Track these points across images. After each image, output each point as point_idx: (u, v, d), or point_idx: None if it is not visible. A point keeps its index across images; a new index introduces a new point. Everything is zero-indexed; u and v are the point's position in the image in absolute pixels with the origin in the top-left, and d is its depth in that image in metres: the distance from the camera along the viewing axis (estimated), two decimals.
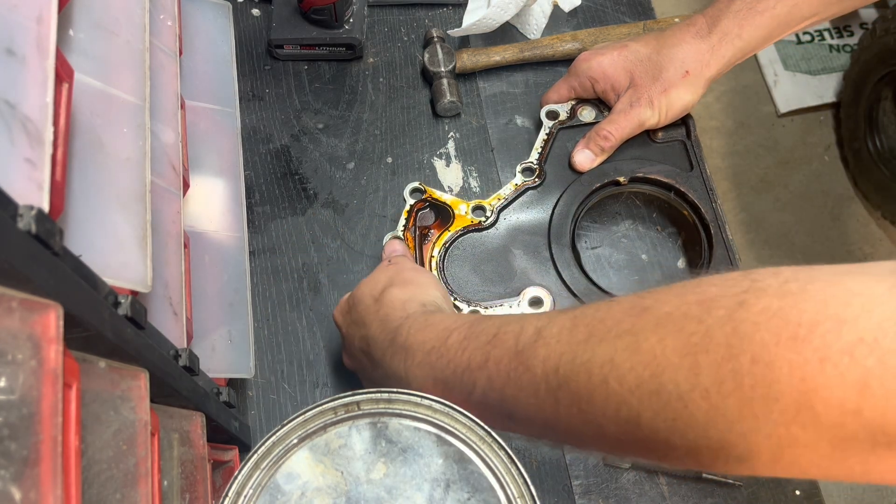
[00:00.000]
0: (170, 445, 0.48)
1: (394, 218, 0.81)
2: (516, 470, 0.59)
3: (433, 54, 0.86)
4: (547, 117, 0.78)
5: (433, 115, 0.86)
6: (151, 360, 0.41)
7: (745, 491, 0.69)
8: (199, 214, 0.66)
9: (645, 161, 0.75)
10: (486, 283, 0.70)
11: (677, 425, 0.36)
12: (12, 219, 0.28)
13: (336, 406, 0.62)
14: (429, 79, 0.87)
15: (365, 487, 0.59)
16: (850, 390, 0.30)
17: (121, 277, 0.41)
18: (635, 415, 0.37)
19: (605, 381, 0.38)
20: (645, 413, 0.37)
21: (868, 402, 0.30)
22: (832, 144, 1.93)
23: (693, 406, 0.34)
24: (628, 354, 0.37)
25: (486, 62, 0.87)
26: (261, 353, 0.74)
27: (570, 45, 0.87)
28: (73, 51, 0.44)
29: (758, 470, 0.35)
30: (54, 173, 0.34)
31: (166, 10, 0.60)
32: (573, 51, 0.87)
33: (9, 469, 0.26)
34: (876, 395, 0.30)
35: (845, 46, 1.99)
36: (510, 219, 0.73)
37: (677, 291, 0.38)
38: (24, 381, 0.28)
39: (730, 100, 1.96)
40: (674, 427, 0.36)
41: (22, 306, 0.29)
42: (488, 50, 0.87)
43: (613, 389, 0.38)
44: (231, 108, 0.73)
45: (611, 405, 0.38)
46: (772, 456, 0.34)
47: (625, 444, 0.40)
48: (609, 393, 0.38)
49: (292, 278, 0.78)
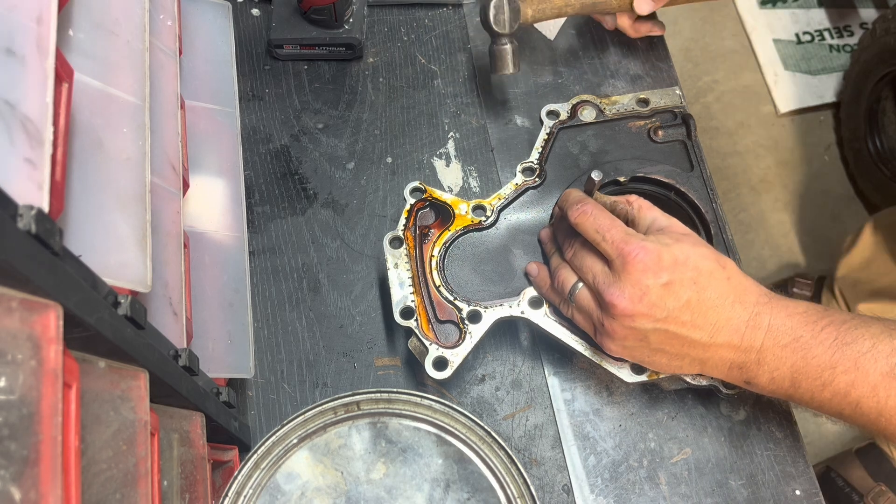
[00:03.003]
0: (170, 445, 0.48)
1: (394, 218, 0.81)
2: (516, 470, 0.59)
3: (499, 9, 0.73)
4: (547, 117, 0.78)
5: (434, 114, 0.86)
6: (151, 360, 0.41)
7: (746, 491, 0.69)
8: (199, 214, 0.66)
9: (645, 161, 0.75)
10: (486, 283, 0.70)
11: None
12: (12, 219, 0.28)
13: (336, 406, 0.62)
14: (489, 32, 0.76)
15: (365, 487, 0.59)
16: None
17: (120, 277, 0.41)
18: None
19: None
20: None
21: None
22: (832, 144, 1.93)
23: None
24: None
25: (551, 11, 0.75)
26: (261, 353, 0.75)
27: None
28: (73, 51, 0.44)
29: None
30: (54, 173, 0.34)
31: (166, 10, 0.60)
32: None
33: (9, 469, 0.26)
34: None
35: (845, 46, 1.99)
36: (510, 218, 0.73)
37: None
38: (24, 381, 0.28)
39: (730, 100, 1.96)
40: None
41: (22, 306, 0.29)
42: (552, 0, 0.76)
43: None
44: (231, 108, 0.73)
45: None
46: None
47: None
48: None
49: (292, 278, 0.78)
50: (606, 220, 0.59)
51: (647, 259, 0.56)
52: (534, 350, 0.75)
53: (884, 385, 0.53)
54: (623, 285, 0.57)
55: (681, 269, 0.56)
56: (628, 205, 0.64)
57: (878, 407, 0.54)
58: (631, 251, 0.56)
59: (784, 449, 0.71)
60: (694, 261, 0.57)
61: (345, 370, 0.74)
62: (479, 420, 0.60)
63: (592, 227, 0.59)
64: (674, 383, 0.67)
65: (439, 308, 0.68)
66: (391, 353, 0.75)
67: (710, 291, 0.57)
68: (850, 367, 0.54)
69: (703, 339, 0.57)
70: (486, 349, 0.75)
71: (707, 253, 0.58)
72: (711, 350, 0.58)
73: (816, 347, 0.55)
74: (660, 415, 0.72)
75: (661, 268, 0.56)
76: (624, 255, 0.56)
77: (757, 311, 0.57)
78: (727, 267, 0.59)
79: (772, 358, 0.56)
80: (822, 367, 0.55)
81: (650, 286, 0.56)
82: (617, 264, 0.57)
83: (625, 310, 0.56)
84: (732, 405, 0.72)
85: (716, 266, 0.58)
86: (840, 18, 2.03)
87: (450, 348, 0.65)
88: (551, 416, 0.72)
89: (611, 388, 0.73)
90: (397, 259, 0.69)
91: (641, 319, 0.57)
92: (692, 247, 0.58)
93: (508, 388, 0.73)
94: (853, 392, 0.54)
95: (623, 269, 0.57)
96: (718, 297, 0.57)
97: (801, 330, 0.56)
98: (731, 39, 2.02)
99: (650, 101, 0.79)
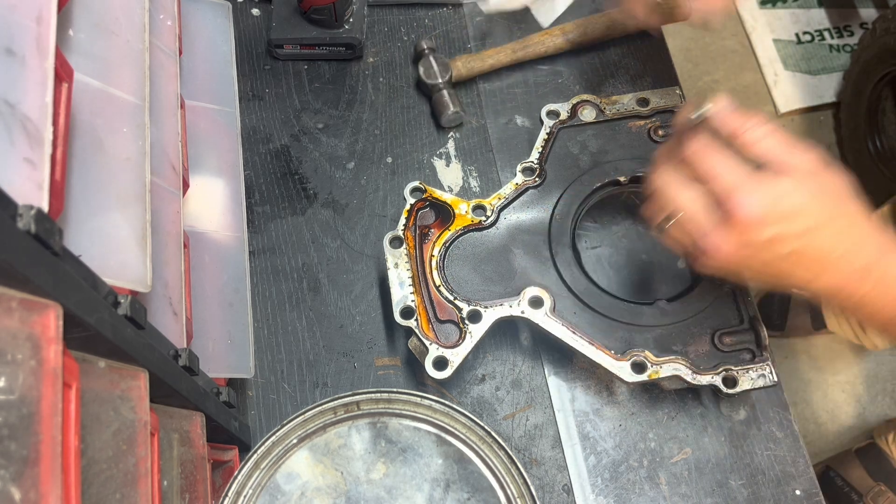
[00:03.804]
0: (170, 445, 0.48)
1: (394, 217, 0.81)
2: (516, 470, 0.59)
3: (428, 67, 0.84)
4: (547, 117, 0.78)
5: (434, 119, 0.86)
6: (151, 359, 0.41)
7: (746, 491, 0.69)
8: (199, 214, 0.66)
9: (645, 161, 0.75)
10: (486, 283, 0.70)
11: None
12: (12, 219, 0.28)
13: (336, 406, 0.62)
14: (426, 92, 0.86)
15: (365, 487, 0.59)
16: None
17: (120, 277, 0.41)
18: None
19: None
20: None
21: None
22: (832, 144, 1.93)
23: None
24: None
25: (481, 67, 0.86)
26: (261, 353, 0.75)
27: (559, 39, 0.87)
28: (73, 51, 0.44)
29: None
30: (54, 173, 0.34)
31: (166, 10, 0.60)
32: (564, 44, 0.86)
33: (9, 469, 0.26)
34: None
35: (845, 46, 1.99)
36: (510, 218, 0.73)
37: None
38: (24, 381, 0.28)
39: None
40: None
41: (22, 306, 0.29)
42: (482, 54, 0.86)
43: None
44: (231, 108, 0.73)
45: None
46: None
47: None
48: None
49: (292, 278, 0.78)
50: (717, 163, 0.55)
51: (752, 213, 0.53)
52: (534, 350, 0.75)
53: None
54: (725, 233, 0.55)
55: (789, 223, 0.54)
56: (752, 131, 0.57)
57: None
58: (735, 204, 0.53)
59: (784, 449, 0.71)
60: (808, 210, 0.54)
61: (345, 370, 0.74)
62: (479, 420, 0.60)
63: (703, 169, 0.56)
64: (674, 383, 0.67)
65: (439, 308, 0.68)
66: (391, 352, 0.75)
67: (820, 241, 0.55)
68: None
69: (806, 278, 0.56)
70: (486, 349, 0.75)
71: (828, 201, 0.55)
72: (813, 284, 0.57)
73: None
74: (660, 415, 0.72)
75: (765, 223, 0.53)
76: (728, 206, 0.54)
77: (870, 262, 0.55)
78: (848, 214, 0.56)
79: (870, 307, 0.56)
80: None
81: (751, 240, 0.54)
82: (722, 211, 0.55)
83: (727, 255, 0.55)
84: (732, 405, 0.72)
85: (836, 214, 0.55)
86: (840, 18, 2.03)
87: (450, 348, 0.65)
88: (551, 416, 0.72)
89: (611, 388, 0.73)
90: (397, 259, 0.69)
91: (738, 264, 0.56)
92: (812, 196, 0.54)
93: (508, 387, 0.73)
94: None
95: (727, 219, 0.54)
96: (830, 247, 0.55)
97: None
98: (730, 39, 2.02)
99: (650, 100, 0.79)
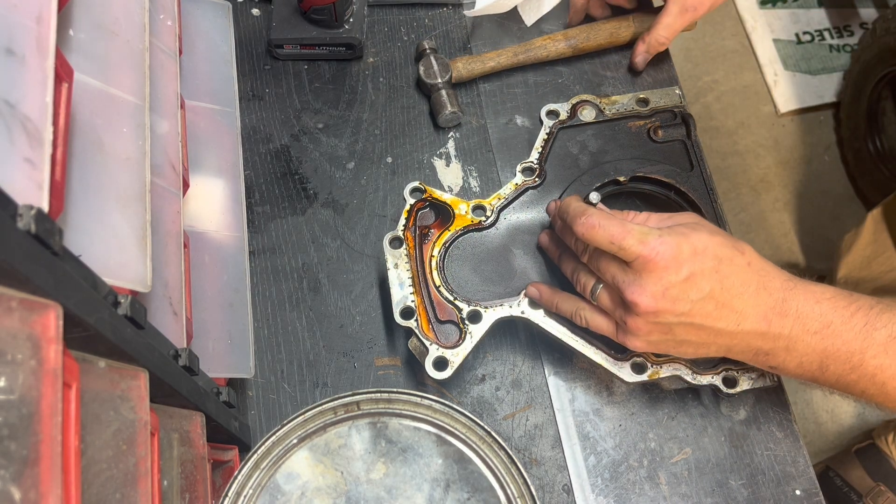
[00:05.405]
0: (170, 445, 0.48)
1: (394, 217, 0.81)
2: (516, 470, 0.59)
3: (428, 66, 0.85)
4: (547, 117, 0.78)
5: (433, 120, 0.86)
6: (151, 359, 0.41)
7: (746, 491, 0.69)
8: (199, 214, 0.66)
9: (645, 161, 0.75)
10: (486, 283, 0.70)
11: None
12: (12, 218, 0.28)
13: (336, 406, 0.62)
14: (426, 91, 0.87)
15: (365, 487, 0.59)
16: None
17: (120, 277, 0.41)
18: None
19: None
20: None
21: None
22: (832, 144, 1.93)
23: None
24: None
25: (481, 69, 0.86)
26: (261, 353, 0.75)
27: (562, 44, 0.87)
28: (73, 51, 0.44)
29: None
30: (54, 173, 0.34)
31: (166, 10, 0.60)
32: (566, 50, 0.87)
33: (9, 469, 0.26)
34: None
35: (845, 46, 1.99)
36: (510, 218, 0.73)
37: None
38: (24, 380, 0.28)
39: (730, 100, 1.96)
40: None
41: (22, 306, 0.29)
42: (482, 56, 0.87)
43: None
44: (231, 108, 0.73)
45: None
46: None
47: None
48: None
49: (292, 278, 0.78)
50: (617, 228, 0.57)
51: (667, 254, 0.55)
52: (534, 350, 0.75)
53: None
54: (644, 283, 0.56)
55: (700, 260, 0.56)
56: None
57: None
58: (649, 252, 0.55)
59: (784, 449, 0.71)
60: (713, 249, 0.56)
61: (345, 370, 0.74)
62: (479, 420, 0.60)
63: (605, 239, 0.57)
64: (674, 383, 0.67)
65: (439, 308, 0.68)
66: (391, 352, 0.75)
67: (732, 279, 0.56)
68: (879, 352, 0.55)
69: (729, 328, 0.57)
70: (486, 349, 0.75)
71: (724, 240, 0.58)
72: (738, 338, 0.58)
73: (847, 333, 0.55)
74: (660, 415, 0.72)
75: (680, 261, 0.55)
76: (643, 257, 0.56)
77: (783, 297, 0.57)
78: (746, 252, 0.58)
79: (802, 345, 0.56)
80: (851, 352, 0.55)
81: (672, 282, 0.55)
82: (637, 265, 0.56)
83: (647, 307, 0.56)
84: (732, 405, 0.72)
85: (734, 252, 0.57)
86: (840, 18, 2.03)
87: (450, 348, 0.65)
88: (551, 415, 0.72)
89: (611, 388, 0.73)
90: (397, 259, 0.69)
91: (665, 315, 0.56)
92: (709, 235, 0.57)
93: (508, 387, 0.73)
94: (880, 375, 0.55)
95: (644, 269, 0.56)
96: (742, 285, 0.56)
97: (832, 316, 0.56)
98: (730, 39, 2.02)
99: (650, 100, 0.79)
